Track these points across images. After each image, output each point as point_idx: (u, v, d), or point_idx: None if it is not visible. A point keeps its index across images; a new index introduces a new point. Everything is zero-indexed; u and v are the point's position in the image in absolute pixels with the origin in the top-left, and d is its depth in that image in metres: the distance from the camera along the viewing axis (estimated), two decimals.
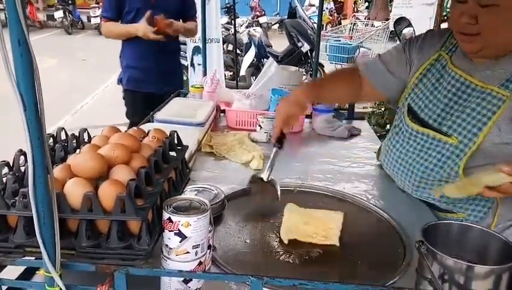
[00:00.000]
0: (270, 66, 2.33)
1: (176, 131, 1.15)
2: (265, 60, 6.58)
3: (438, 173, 1.24)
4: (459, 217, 1.25)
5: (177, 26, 2.53)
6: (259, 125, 1.91)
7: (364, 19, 10.74)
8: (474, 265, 0.78)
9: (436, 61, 1.31)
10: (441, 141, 1.23)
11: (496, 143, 1.14)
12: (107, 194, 0.79)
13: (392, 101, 1.50)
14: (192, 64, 4.91)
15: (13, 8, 0.64)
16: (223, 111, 2.14)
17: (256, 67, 6.81)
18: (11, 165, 0.94)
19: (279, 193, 1.24)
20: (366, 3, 16.74)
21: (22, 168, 0.93)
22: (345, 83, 1.48)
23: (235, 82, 5.20)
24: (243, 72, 6.69)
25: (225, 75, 5.72)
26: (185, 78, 5.82)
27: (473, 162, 1.18)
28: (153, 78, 2.65)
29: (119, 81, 2.79)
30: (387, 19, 7.44)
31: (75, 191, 0.80)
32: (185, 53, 5.30)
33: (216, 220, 1.13)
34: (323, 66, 6.71)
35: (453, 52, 1.28)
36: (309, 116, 2.15)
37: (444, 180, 1.24)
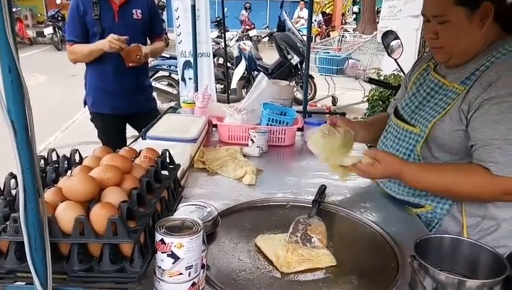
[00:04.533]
0: (261, 80, 2.34)
1: (167, 150, 1.15)
2: (255, 72, 6.63)
3: (407, 160, 1.36)
4: (427, 210, 1.35)
5: (145, 57, 2.51)
6: (252, 140, 1.92)
7: (353, 31, 10.89)
8: (465, 279, 0.79)
9: (424, 70, 1.48)
10: (408, 130, 1.38)
11: (448, 131, 1.26)
12: (99, 217, 0.79)
13: None
14: (183, 79, 4.92)
15: (3, 34, 0.64)
16: (215, 126, 2.15)
17: (247, 80, 6.86)
18: (2, 189, 0.93)
19: None
20: (354, 15, 17.02)
21: (13, 191, 0.93)
22: (382, 126, 1.62)
23: (226, 95, 5.21)
24: (234, 85, 6.73)
25: (216, 88, 5.74)
26: (175, 92, 5.88)
27: (429, 151, 1.32)
28: (117, 99, 2.60)
29: (85, 103, 2.74)
30: (375, 32, 7.55)
31: (66, 215, 0.79)
32: (176, 67, 5.32)
33: (209, 237, 1.13)
34: (313, 78, 6.78)
35: (438, 64, 1.43)
36: (301, 130, 2.16)
37: None
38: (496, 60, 1.21)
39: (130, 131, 2.89)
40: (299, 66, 6.64)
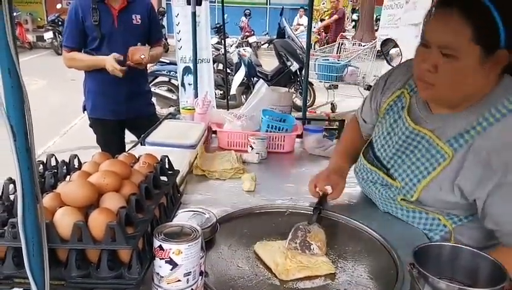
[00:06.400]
0: (261, 87, 2.35)
1: (167, 156, 1.15)
2: (255, 79, 6.65)
3: (391, 205, 1.34)
4: None
5: (147, 60, 2.52)
6: (251, 146, 1.92)
7: (352, 38, 10.94)
8: (465, 288, 0.78)
9: (398, 99, 1.32)
10: (388, 182, 1.30)
11: (438, 199, 1.18)
12: (97, 223, 0.79)
13: None
14: (182, 85, 4.93)
15: (3, 38, 0.64)
16: (215, 132, 2.15)
17: (246, 86, 6.87)
18: (0, 194, 0.93)
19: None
20: (353, 23, 17.10)
21: (11, 197, 0.92)
22: (359, 138, 1.59)
23: (225, 101, 5.23)
24: (233, 91, 6.75)
25: (215, 94, 5.76)
26: (175, 98, 5.89)
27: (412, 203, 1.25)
28: (117, 104, 2.60)
29: (84, 108, 2.74)
30: (373, 40, 7.58)
31: (65, 221, 0.79)
32: (175, 73, 5.33)
33: (208, 244, 1.12)
34: (313, 85, 6.80)
35: (415, 93, 1.27)
36: (300, 136, 2.16)
37: (399, 212, 1.33)
38: (488, 126, 1.07)
39: (129, 136, 2.89)
40: (298, 73, 6.66)
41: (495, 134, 1.06)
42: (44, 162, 1.08)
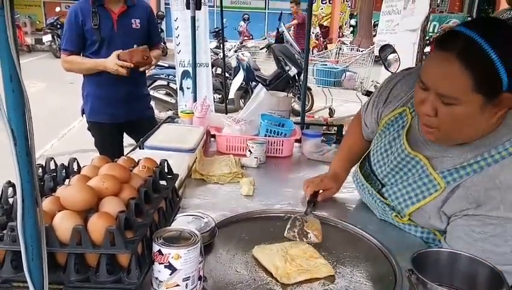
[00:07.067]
0: (260, 92, 2.35)
1: (166, 160, 1.15)
2: (253, 83, 6.66)
3: (387, 216, 1.35)
4: None
5: (151, 60, 2.52)
6: (249, 151, 1.92)
7: (350, 43, 11.01)
8: None
9: (399, 116, 1.30)
10: (381, 200, 1.33)
11: (428, 224, 1.20)
12: (97, 227, 0.79)
13: None
14: (181, 88, 4.94)
15: (5, 43, 0.64)
16: (213, 136, 2.15)
17: (244, 91, 6.89)
18: None
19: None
20: (351, 28, 17.19)
21: (11, 200, 0.92)
22: (361, 139, 1.60)
23: (224, 105, 5.23)
24: (231, 96, 6.75)
25: (214, 98, 5.77)
26: (173, 101, 5.90)
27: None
28: (115, 108, 2.61)
29: (82, 112, 2.74)
30: (371, 46, 7.62)
31: (64, 225, 0.79)
32: (174, 77, 5.34)
33: (206, 248, 1.12)
34: (311, 90, 6.82)
35: (417, 114, 1.21)
36: (298, 141, 2.17)
37: (396, 223, 1.33)
38: (485, 165, 1.04)
39: (127, 139, 2.89)
40: (296, 78, 6.68)
41: (490, 174, 1.04)
42: (44, 165, 1.08)
